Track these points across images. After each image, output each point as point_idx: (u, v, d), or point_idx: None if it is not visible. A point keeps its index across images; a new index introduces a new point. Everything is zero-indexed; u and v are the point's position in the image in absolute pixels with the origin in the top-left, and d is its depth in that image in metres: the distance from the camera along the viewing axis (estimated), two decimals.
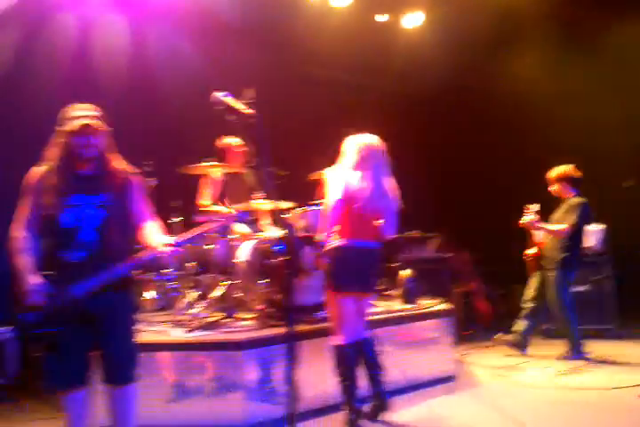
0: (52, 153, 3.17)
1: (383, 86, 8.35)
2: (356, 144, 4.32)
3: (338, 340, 4.11)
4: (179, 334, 4.46)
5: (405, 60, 8.00)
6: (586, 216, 5.92)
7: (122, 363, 3.24)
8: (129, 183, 3.25)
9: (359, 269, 4.10)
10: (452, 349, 5.62)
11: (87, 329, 3.12)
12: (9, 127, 5.65)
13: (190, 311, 4.81)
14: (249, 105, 4.37)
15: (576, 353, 5.89)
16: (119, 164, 3.27)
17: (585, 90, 7.99)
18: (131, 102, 5.81)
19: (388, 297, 5.97)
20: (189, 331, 4.50)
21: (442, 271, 7.51)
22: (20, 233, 3.13)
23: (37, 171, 3.18)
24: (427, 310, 5.57)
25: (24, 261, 3.07)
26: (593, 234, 6.85)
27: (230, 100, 2.71)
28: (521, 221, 5.90)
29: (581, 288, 6.81)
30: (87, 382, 3.24)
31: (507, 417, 4.32)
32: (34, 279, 3.03)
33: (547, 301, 6.00)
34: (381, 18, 7.98)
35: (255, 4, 7.00)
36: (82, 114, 3.11)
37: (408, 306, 5.63)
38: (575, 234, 5.90)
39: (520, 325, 6.17)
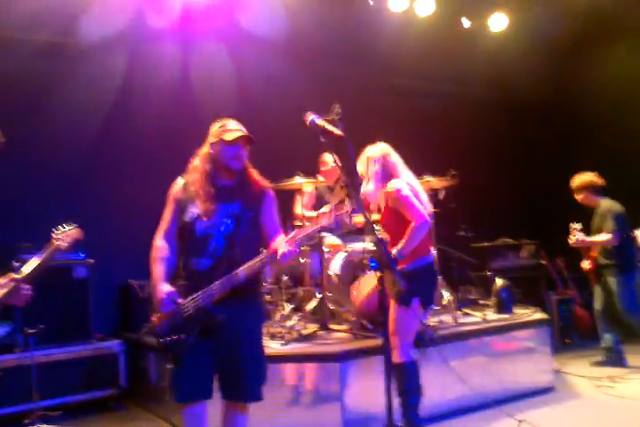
0: (197, 164, 3.24)
1: (468, 94, 8.27)
2: (379, 152, 4.21)
3: (405, 356, 3.95)
4: (275, 347, 4.58)
5: (490, 67, 7.89)
6: (620, 218, 5.81)
7: (243, 378, 3.08)
8: (264, 195, 3.25)
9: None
10: (550, 359, 5.50)
11: (212, 340, 3.05)
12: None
13: (285, 324, 4.92)
14: (336, 121, 4.53)
15: None
16: (257, 175, 3.31)
17: None
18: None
19: (483, 306, 5.90)
20: (285, 343, 4.62)
21: (537, 279, 7.36)
22: (158, 242, 3.19)
23: (180, 181, 3.28)
24: (523, 319, 5.48)
25: (158, 269, 3.12)
26: None
27: (322, 122, 2.79)
28: (570, 242, 5.80)
29: None
30: (209, 395, 3.10)
31: None
32: (165, 288, 3.06)
33: (618, 309, 5.86)
34: (466, 23, 7.90)
35: (339, 19, 7.14)
36: (236, 127, 3.22)
37: (503, 315, 5.56)
38: (622, 237, 5.77)
39: (606, 340, 6.03)
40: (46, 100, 5.70)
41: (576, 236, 5.77)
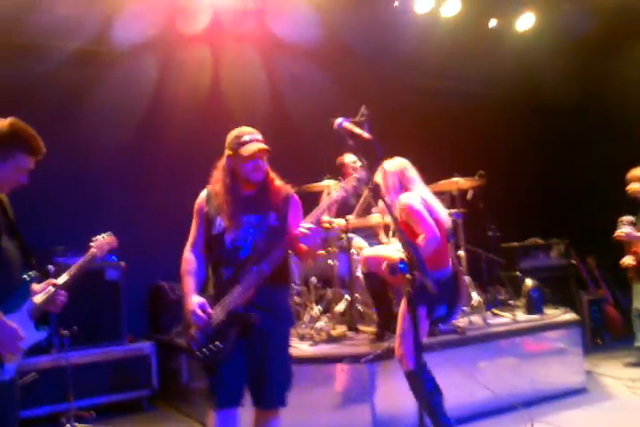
0: (219, 175, 3.25)
1: (494, 94, 8.21)
2: (397, 167, 4.23)
3: (411, 363, 3.86)
4: (304, 348, 4.60)
5: (517, 66, 7.84)
6: None
7: (275, 384, 3.09)
8: (288, 202, 3.23)
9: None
10: (581, 359, 5.44)
11: (245, 343, 3.06)
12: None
13: (314, 325, 4.94)
14: (363, 122, 4.54)
15: None
16: (279, 183, 3.28)
17: None
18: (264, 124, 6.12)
19: (512, 307, 5.86)
20: (314, 344, 4.64)
21: (567, 279, 7.28)
22: (187, 255, 3.23)
23: (204, 193, 3.29)
24: (553, 319, 5.44)
25: (188, 282, 3.15)
26: None
27: (350, 126, 2.80)
28: (616, 234, 5.62)
29: None
30: (242, 401, 3.11)
31: None
32: (195, 300, 3.07)
33: None
34: (492, 23, 7.84)
35: (364, 21, 7.15)
36: (252, 138, 3.17)
37: (533, 316, 5.51)
38: None
39: None
40: (78, 106, 5.82)
41: (624, 229, 5.55)
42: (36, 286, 2.78)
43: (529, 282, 5.81)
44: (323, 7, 6.76)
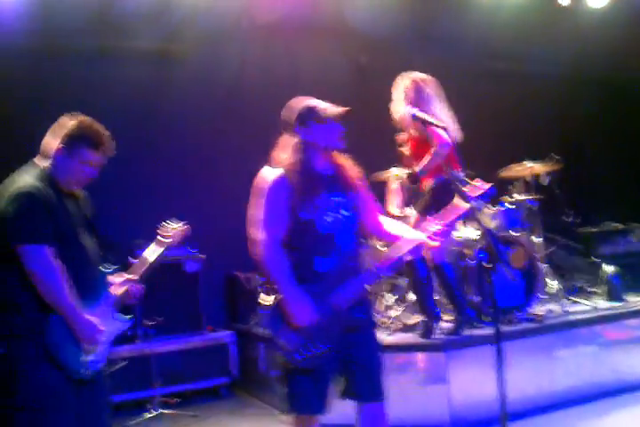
0: (289, 154, 2.90)
1: (567, 74, 7.95)
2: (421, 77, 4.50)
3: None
4: (380, 337, 4.61)
5: (592, 44, 7.56)
6: None
7: (378, 377, 2.88)
8: (360, 181, 2.99)
9: None
10: None
11: (344, 343, 2.80)
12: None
13: (389, 314, 4.95)
14: None
15: None
16: (347, 161, 3.02)
17: None
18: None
19: (591, 294, 5.71)
20: (390, 333, 4.66)
21: None
22: (275, 246, 2.76)
23: (279, 173, 2.86)
24: (636, 307, 5.27)
25: (288, 276, 2.75)
26: None
27: (423, 115, 2.78)
28: None
29: None
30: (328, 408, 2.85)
31: None
32: (299, 294, 2.73)
33: None
34: (563, 1, 7.58)
35: (428, 3, 7.07)
36: (325, 104, 2.91)
37: (614, 303, 5.37)
38: None
39: None
40: (155, 105, 5.99)
41: None
42: (114, 279, 2.89)
43: (608, 268, 5.66)
44: None
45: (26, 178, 2.66)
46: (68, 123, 2.77)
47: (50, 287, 2.53)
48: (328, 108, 2.88)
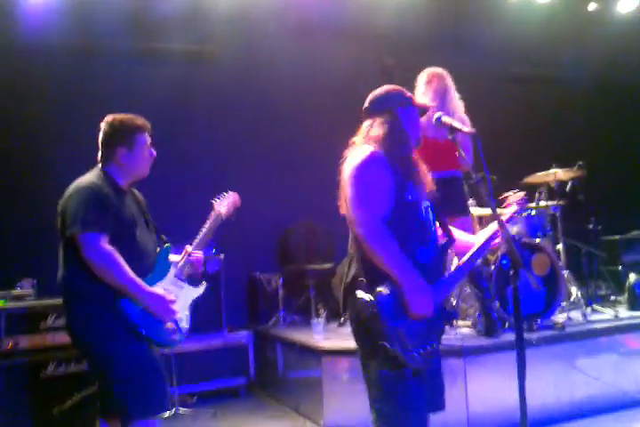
0: (384, 134, 2.63)
1: (594, 80, 7.87)
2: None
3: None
4: None
5: (619, 51, 7.49)
6: None
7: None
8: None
9: None
10: None
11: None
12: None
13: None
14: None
15: None
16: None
17: None
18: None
19: (614, 303, 5.64)
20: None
21: None
22: (384, 231, 2.43)
23: (375, 151, 2.57)
24: None
25: (407, 262, 2.42)
26: None
27: (448, 119, 2.75)
28: None
29: None
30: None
31: None
32: (420, 279, 2.43)
33: None
34: (591, 6, 7.55)
35: (457, 9, 7.06)
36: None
37: (637, 312, 5.30)
38: None
39: None
40: (190, 103, 6.14)
41: None
42: (174, 256, 3.16)
43: (632, 277, 5.59)
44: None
45: (86, 177, 2.93)
46: (104, 127, 3.00)
47: (108, 271, 2.74)
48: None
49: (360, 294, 2.40)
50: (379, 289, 2.37)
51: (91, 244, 2.73)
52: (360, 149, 2.60)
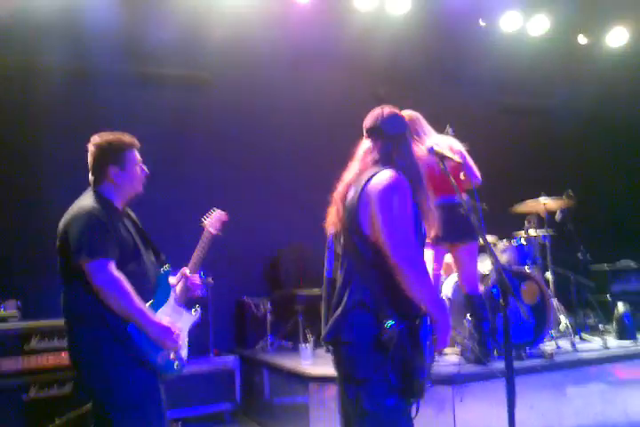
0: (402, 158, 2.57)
1: (583, 111, 7.99)
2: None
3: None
4: None
5: (609, 82, 7.62)
6: None
7: None
8: None
9: None
10: None
11: None
12: None
13: None
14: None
15: None
16: None
17: None
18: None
19: (602, 332, 5.64)
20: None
21: None
22: (420, 260, 2.43)
23: (402, 178, 2.46)
24: None
25: (439, 297, 2.68)
26: None
27: (440, 149, 2.78)
28: None
29: None
30: None
31: None
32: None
33: None
34: (582, 40, 7.71)
35: (446, 40, 7.17)
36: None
37: (625, 342, 5.30)
38: None
39: None
40: (186, 128, 6.20)
41: None
42: (173, 279, 3.15)
43: (621, 306, 5.59)
44: (401, 25, 6.91)
45: (84, 201, 2.86)
46: (91, 148, 2.97)
47: (117, 300, 2.69)
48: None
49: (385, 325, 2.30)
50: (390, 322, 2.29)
51: (100, 271, 2.67)
52: (385, 172, 2.44)
